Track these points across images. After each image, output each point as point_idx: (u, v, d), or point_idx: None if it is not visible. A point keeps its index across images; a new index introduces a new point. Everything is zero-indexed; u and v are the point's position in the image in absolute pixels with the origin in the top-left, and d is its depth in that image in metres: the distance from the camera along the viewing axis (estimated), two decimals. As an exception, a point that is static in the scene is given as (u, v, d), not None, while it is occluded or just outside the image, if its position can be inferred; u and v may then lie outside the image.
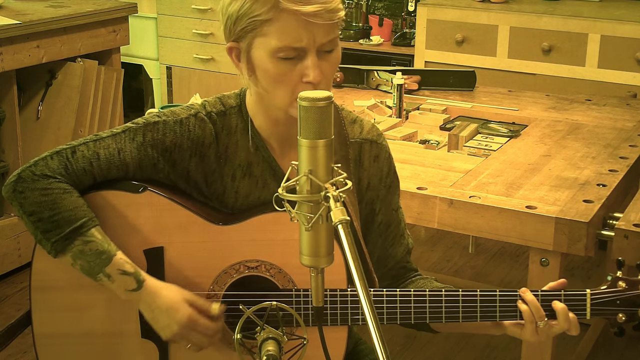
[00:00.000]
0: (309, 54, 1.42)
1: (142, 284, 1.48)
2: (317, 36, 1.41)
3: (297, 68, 1.43)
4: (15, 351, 2.87)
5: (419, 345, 3.03)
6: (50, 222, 1.46)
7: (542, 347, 2.17)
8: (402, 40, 4.40)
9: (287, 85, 1.44)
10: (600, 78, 3.62)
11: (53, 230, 1.46)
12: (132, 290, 1.48)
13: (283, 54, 1.41)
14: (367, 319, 1.07)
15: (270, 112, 1.53)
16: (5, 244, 3.36)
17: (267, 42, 1.42)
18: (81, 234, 1.46)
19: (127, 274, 1.48)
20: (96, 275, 1.48)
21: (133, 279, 1.48)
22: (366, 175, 1.62)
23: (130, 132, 1.52)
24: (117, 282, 1.48)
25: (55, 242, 1.46)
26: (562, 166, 2.37)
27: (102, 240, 1.48)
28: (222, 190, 1.56)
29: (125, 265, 1.48)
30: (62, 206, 1.46)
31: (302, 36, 1.40)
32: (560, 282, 1.53)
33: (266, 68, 1.44)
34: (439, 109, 2.87)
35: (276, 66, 1.43)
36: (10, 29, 3.17)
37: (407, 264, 1.69)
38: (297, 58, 1.42)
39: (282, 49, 1.41)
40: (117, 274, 1.48)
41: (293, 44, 1.41)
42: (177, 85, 4.96)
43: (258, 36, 1.43)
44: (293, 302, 1.52)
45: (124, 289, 1.48)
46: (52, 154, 1.50)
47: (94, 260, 1.47)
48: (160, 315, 1.49)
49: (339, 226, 1.11)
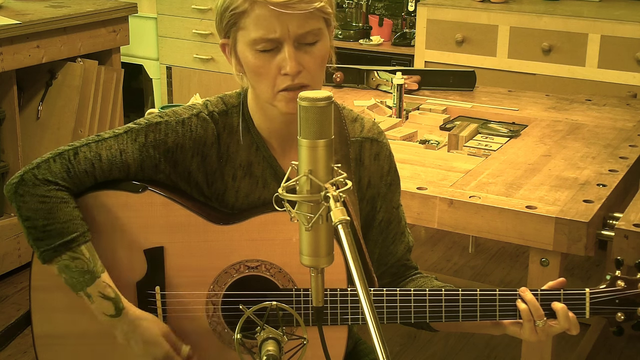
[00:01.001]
0: (285, 45, 1.42)
1: (121, 312, 1.49)
2: (291, 27, 1.41)
3: (275, 60, 1.43)
4: (15, 351, 2.87)
5: (419, 345, 3.03)
6: (42, 231, 1.46)
7: (542, 347, 2.17)
8: (402, 40, 4.40)
9: (267, 78, 1.45)
10: (600, 78, 3.62)
11: (44, 240, 1.47)
12: (110, 316, 1.49)
13: (260, 46, 1.43)
14: (367, 319, 1.07)
15: (266, 110, 1.53)
16: (5, 244, 3.36)
17: (246, 34, 1.44)
18: (70, 249, 1.47)
19: (108, 298, 1.49)
20: (78, 292, 1.49)
21: (112, 305, 1.49)
22: (367, 174, 1.62)
23: (132, 132, 1.52)
24: (96, 304, 1.49)
25: (43, 252, 1.47)
26: (562, 166, 2.37)
27: (89, 260, 1.48)
28: (223, 190, 1.56)
29: (107, 289, 1.49)
30: (57, 217, 1.46)
31: (275, 27, 1.41)
32: (560, 281, 1.53)
33: (247, 61, 1.46)
34: (439, 109, 2.87)
35: (255, 59, 1.44)
36: (10, 29, 3.17)
37: (408, 262, 1.69)
38: (275, 50, 1.43)
39: (258, 41, 1.42)
40: (97, 297, 1.48)
41: (267, 35, 1.41)
42: (177, 85, 4.96)
43: (239, 29, 1.45)
44: (293, 302, 1.52)
45: (101, 312, 1.49)
46: (55, 155, 1.50)
47: (77, 277, 1.47)
48: (136, 345, 1.51)
49: (339, 226, 1.11)
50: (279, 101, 1.46)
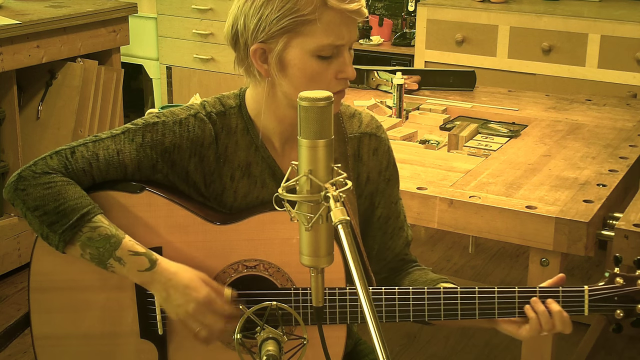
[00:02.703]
0: (344, 50, 1.46)
1: (155, 263, 1.47)
2: (352, 33, 1.47)
3: (332, 66, 1.46)
4: (15, 351, 2.87)
5: (419, 345, 3.03)
6: (56, 213, 1.45)
7: (542, 347, 2.17)
8: (402, 40, 4.40)
9: (321, 84, 1.46)
10: (600, 78, 3.62)
11: (60, 221, 1.45)
12: (145, 270, 1.47)
13: (325, 53, 1.44)
14: (367, 318, 1.07)
15: (279, 111, 1.53)
16: (5, 244, 3.36)
17: (308, 41, 1.43)
18: (88, 221, 1.46)
19: (139, 254, 1.47)
20: (107, 262, 1.46)
21: (145, 259, 1.47)
22: (365, 169, 1.62)
23: (129, 133, 1.52)
24: (129, 264, 1.46)
25: (63, 233, 1.45)
26: (562, 166, 2.37)
27: (109, 225, 1.47)
28: (221, 190, 1.56)
29: (136, 247, 1.47)
30: (67, 196, 1.46)
31: (343, 34, 1.44)
32: (559, 278, 1.52)
33: (303, 67, 1.45)
34: (439, 109, 2.87)
35: (315, 65, 1.45)
36: (10, 29, 3.17)
37: (406, 256, 1.70)
38: (333, 56, 1.46)
39: (325, 47, 1.44)
40: (128, 256, 1.46)
41: (336, 42, 1.44)
42: (177, 85, 4.96)
43: (298, 35, 1.43)
44: (292, 302, 1.52)
45: (136, 269, 1.47)
46: (52, 154, 1.50)
47: (103, 245, 1.46)
48: (176, 293, 1.46)
49: (339, 226, 1.11)
50: None
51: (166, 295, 1.47)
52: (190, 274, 1.48)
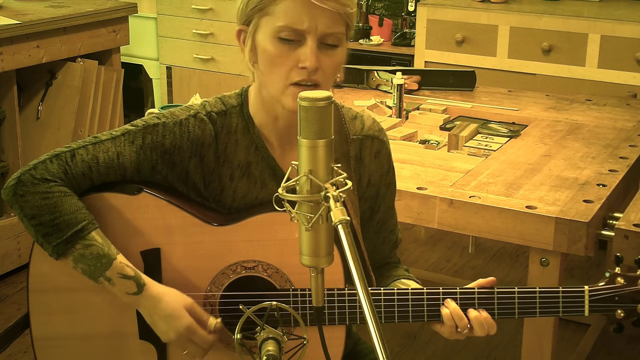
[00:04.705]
0: (309, 39, 1.43)
1: (142, 287, 1.48)
2: (319, 23, 1.42)
3: (295, 52, 1.43)
4: (15, 351, 2.87)
5: (419, 345, 3.03)
6: (50, 225, 1.46)
7: (542, 347, 2.17)
8: (402, 40, 4.40)
9: (282, 69, 1.44)
10: (600, 78, 3.62)
11: (54, 234, 1.46)
12: (133, 294, 1.48)
13: (284, 34, 1.42)
14: (367, 319, 1.06)
15: (270, 108, 1.53)
16: (5, 244, 3.36)
17: (271, 21, 1.43)
18: (82, 237, 1.46)
19: (128, 277, 1.48)
20: (97, 279, 1.48)
21: (133, 283, 1.48)
22: (367, 172, 1.62)
23: (129, 135, 1.52)
24: (117, 286, 1.48)
25: (56, 246, 1.46)
26: (562, 166, 2.37)
27: (102, 244, 1.47)
28: (220, 190, 1.56)
29: (126, 269, 1.48)
30: (63, 209, 1.46)
31: (304, 18, 1.41)
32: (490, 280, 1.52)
33: (266, 48, 1.45)
34: (439, 109, 2.87)
35: (275, 47, 1.43)
36: (10, 29, 3.17)
37: (391, 259, 1.71)
38: (297, 43, 1.43)
39: (283, 29, 1.42)
40: (117, 278, 1.48)
41: (294, 25, 1.42)
42: (177, 85, 4.96)
43: (265, 15, 1.44)
44: (291, 302, 1.51)
45: (124, 292, 1.48)
46: (51, 157, 1.50)
47: (94, 264, 1.47)
48: (159, 321, 1.49)
49: (339, 226, 1.11)
50: (287, 95, 1.45)
51: (151, 320, 1.50)
52: (175, 302, 1.49)
